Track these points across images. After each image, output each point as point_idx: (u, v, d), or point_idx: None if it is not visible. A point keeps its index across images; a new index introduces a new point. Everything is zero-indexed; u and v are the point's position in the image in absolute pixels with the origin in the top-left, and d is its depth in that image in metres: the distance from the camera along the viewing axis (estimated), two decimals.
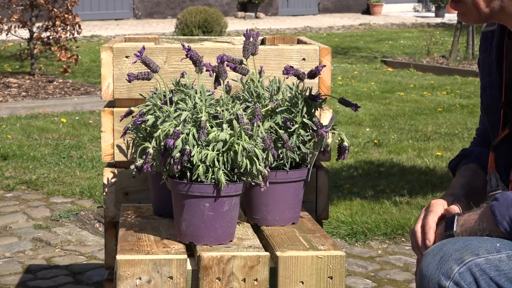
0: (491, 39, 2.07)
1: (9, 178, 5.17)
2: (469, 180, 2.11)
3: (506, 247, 1.78)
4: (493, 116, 2.05)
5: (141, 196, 2.42)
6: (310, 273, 1.93)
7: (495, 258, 1.76)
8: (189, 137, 1.91)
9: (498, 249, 1.77)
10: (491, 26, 2.09)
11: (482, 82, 2.11)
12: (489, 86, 2.06)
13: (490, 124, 2.08)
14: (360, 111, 7.43)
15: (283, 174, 2.11)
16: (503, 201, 1.80)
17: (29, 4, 9.09)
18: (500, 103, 2.03)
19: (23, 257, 3.84)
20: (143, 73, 2.06)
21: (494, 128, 2.06)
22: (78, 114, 7.37)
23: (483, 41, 2.11)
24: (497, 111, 2.04)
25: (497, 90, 2.04)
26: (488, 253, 1.76)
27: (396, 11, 22.31)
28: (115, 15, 18.15)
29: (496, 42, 2.05)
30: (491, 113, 2.07)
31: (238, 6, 19.67)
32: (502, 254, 1.76)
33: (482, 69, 2.10)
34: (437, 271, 1.75)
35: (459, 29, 11.23)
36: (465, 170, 2.16)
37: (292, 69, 2.09)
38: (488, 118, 2.08)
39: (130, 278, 1.88)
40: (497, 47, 2.05)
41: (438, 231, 1.94)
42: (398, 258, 3.84)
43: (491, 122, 2.07)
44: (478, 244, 1.78)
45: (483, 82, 2.10)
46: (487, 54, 2.09)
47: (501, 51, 2.04)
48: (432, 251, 1.80)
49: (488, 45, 2.09)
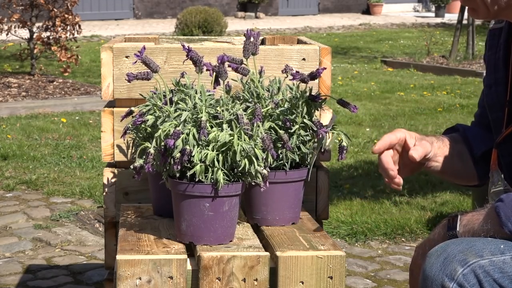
0: (499, 36, 2.07)
1: (9, 178, 5.17)
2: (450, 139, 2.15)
3: (511, 249, 1.76)
4: (497, 114, 2.05)
5: (141, 196, 2.42)
6: (310, 273, 1.93)
7: (499, 259, 1.75)
8: (189, 137, 1.91)
9: (502, 250, 1.76)
10: (499, 24, 2.08)
11: (487, 79, 2.10)
12: (494, 84, 2.06)
13: (493, 122, 2.08)
14: (360, 111, 7.44)
15: (283, 174, 2.11)
16: (508, 202, 1.78)
17: (29, 4, 9.09)
18: (505, 101, 2.02)
19: (23, 257, 3.84)
20: (143, 73, 2.06)
21: (497, 126, 2.05)
22: (78, 114, 7.37)
23: (490, 38, 2.11)
24: (501, 109, 2.03)
25: (502, 88, 2.03)
26: (492, 255, 1.75)
27: (396, 11, 22.31)
28: (115, 15, 18.15)
29: (504, 40, 2.05)
30: (495, 111, 2.06)
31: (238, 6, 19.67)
32: (506, 256, 1.75)
33: (488, 66, 2.10)
34: (440, 272, 1.74)
35: (459, 29, 11.23)
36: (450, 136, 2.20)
37: (298, 74, 2.09)
38: (492, 116, 2.08)
39: (130, 278, 1.88)
40: (505, 44, 2.04)
41: (438, 229, 1.93)
42: (398, 258, 3.84)
43: (494, 120, 2.07)
44: (482, 245, 1.77)
45: (489, 79, 2.09)
46: (493, 51, 2.08)
47: (509, 49, 2.03)
48: (436, 252, 1.79)
49: (495, 42, 2.08)
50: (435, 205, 4.55)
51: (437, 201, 4.64)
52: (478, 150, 2.16)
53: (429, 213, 4.37)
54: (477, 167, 2.18)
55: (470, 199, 4.37)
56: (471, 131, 2.20)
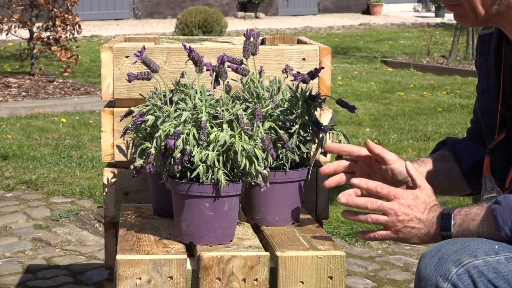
0: (489, 42, 2.06)
1: (9, 178, 5.17)
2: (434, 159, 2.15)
3: (505, 249, 1.76)
4: (490, 120, 2.04)
5: (141, 196, 2.42)
6: (310, 273, 1.93)
7: (493, 260, 1.74)
8: (189, 137, 1.91)
9: (496, 251, 1.76)
10: (488, 29, 2.07)
11: (479, 86, 2.10)
12: (487, 90, 2.05)
13: (486, 128, 2.07)
14: (360, 111, 7.44)
15: (283, 174, 2.11)
16: (505, 205, 1.77)
17: (29, 4, 9.09)
18: (497, 108, 2.01)
19: (23, 257, 3.84)
20: (143, 73, 2.06)
21: (490, 132, 2.05)
22: (78, 114, 7.37)
23: (481, 44, 2.10)
24: (494, 115, 2.02)
25: (494, 94, 2.03)
26: (487, 255, 1.75)
27: (396, 11, 22.31)
28: (115, 15, 18.15)
29: (494, 46, 2.03)
30: (487, 117, 2.06)
31: (238, 6, 19.67)
32: (500, 256, 1.75)
33: (480, 72, 2.09)
34: (435, 273, 1.74)
35: (459, 29, 11.24)
36: (437, 154, 2.20)
37: (299, 75, 2.10)
38: (485, 122, 2.07)
39: (130, 278, 1.88)
40: (495, 50, 2.03)
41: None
42: (398, 258, 3.84)
43: (487, 126, 2.06)
44: (477, 246, 1.76)
45: (481, 86, 2.08)
46: (484, 57, 2.07)
47: (499, 55, 2.02)
48: (430, 252, 1.78)
49: (485, 48, 2.07)
50: None
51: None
52: (466, 164, 2.16)
53: None
54: (467, 179, 2.18)
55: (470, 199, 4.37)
56: (460, 144, 2.20)
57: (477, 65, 2.12)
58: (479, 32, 2.12)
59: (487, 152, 2.03)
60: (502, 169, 1.98)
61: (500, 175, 1.99)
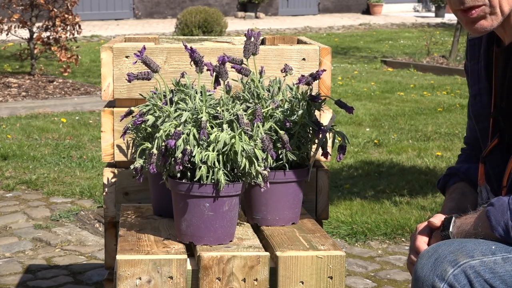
0: (479, 46, 2.06)
1: (9, 178, 5.17)
2: (457, 203, 2.06)
3: (502, 250, 1.77)
4: (483, 124, 2.04)
5: (141, 196, 2.42)
6: (310, 273, 1.93)
7: (490, 260, 1.75)
8: (189, 137, 1.91)
9: (493, 251, 1.77)
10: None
11: (471, 90, 2.09)
12: (479, 94, 2.05)
13: (480, 132, 2.07)
14: (360, 111, 7.44)
15: (283, 174, 2.11)
16: (498, 206, 1.80)
17: (29, 4, 9.09)
18: (490, 111, 2.02)
19: (23, 257, 3.84)
20: (143, 73, 2.06)
21: (484, 136, 2.05)
22: (78, 114, 7.37)
23: (471, 48, 2.09)
24: (487, 119, 2.03)
25: (486, 98, 2.03)
26: (483, 255, 1.76)
27: (396, 11, 22.31)
28: (115, 15, 18.15)
29: (485, 50, 2.03)
30: (481, 121, 2.06)
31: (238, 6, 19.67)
32: (497, 256, 1.76)
33: (471, 76, 2.09)
34: (431, 273, 1.75)
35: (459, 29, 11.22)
36: (453, 191, 2.12)
37: (303, 78, 2.10)
38: (479, 126, 2.07)
39: (130, 278, 1.88)
40: (486, 54, 2.03)
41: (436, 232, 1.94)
42: (398, 258, 3.84)
43: (481, 130, 2.06)
44: (473, 246, 1.77)
45: (473, 90, 2.08)
46: (475, 61, 2.07)
47: (490, 59, 2.02)
48: (427, 252, 1.79)
49: (476, 52, 2.07)
50: (435, 205, 4.55)
51: (437, 201, 4.63)
52: None
53: (429, 213, 4.37)
54: None
55: None
56: (472, 171, 2.12)
57: (467, 69, 2.11)
58: (469, 36, 2.11)
59: (481, 160, 2.03)
60: (498, 172, 1.98)
61: (496, 179, 1.99)
